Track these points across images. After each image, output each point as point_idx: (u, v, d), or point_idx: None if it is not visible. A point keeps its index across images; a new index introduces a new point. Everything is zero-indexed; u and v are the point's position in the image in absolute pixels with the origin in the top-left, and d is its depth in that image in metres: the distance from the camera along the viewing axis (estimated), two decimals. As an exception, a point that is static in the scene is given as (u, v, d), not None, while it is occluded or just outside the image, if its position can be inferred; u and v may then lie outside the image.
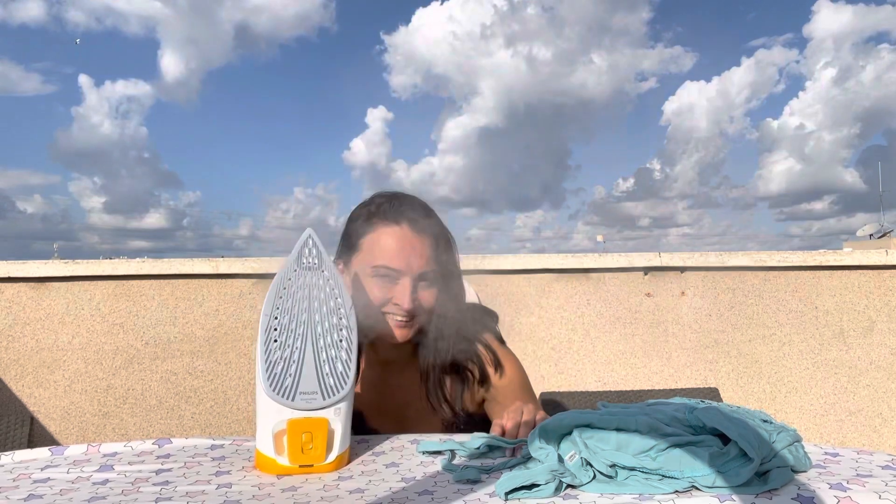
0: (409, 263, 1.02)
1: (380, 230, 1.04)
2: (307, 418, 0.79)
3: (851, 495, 0.63)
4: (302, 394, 0.79)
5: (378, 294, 1.02)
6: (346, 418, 0.82)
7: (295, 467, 0.78)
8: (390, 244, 1.02)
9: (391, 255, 1.02)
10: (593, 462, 0.69)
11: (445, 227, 1.11)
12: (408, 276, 1.02)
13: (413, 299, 1.02)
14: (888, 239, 20.24)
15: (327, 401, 0.80)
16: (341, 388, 0.81)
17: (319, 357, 0.81)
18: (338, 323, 0.83)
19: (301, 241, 0.86)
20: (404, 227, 1.03)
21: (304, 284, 0.83)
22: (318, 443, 0.78)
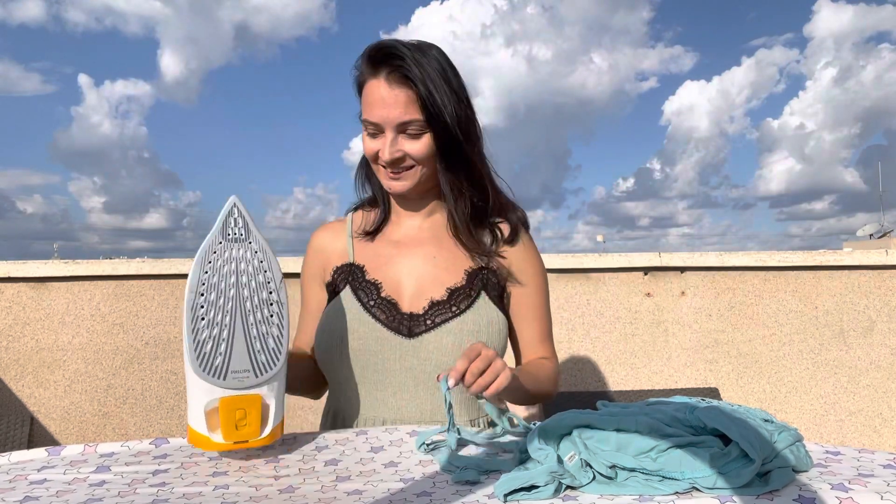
0: (385, 116, 1.00)
1: (365, 83, 1.03)
2: (240, 396, 0.78)
3: (853, 496, 0.62)
4: (234, 372, 0.78)
5: (367, 147, 1.05)
6: (280, 392, 0.82)
7: (229, 444, 0.78)
8: (369, 96, 1.01)
9: (370, 108, 1.01)
10: (593, 463, 0.69)
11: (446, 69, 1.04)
12: (387, 128, 1.01)
13: (392, 151, 1.01)
14: (888, 239, 20.24)
15: (260, 378, 0.79)
16: (274, 364, 0.80)
17: (250, 334, 0.79)
18: (268, 297, 0.80)
19: (225, 211, 0.80)
20: (381, 77, 1.00)
21: (230, 258, 0.79)
22: (252, 419, 0.78)
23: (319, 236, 1.19)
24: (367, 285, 1.09)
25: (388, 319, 1.05)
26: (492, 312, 1.07)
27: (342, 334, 1.04)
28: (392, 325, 1.04)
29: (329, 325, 1.06)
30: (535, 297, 1.15)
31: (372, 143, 1.04)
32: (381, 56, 1.00)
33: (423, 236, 1.14)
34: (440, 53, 1.04)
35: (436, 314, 1.05)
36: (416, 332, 1.04)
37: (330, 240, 1.18)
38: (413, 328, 1.04)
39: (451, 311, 1.05)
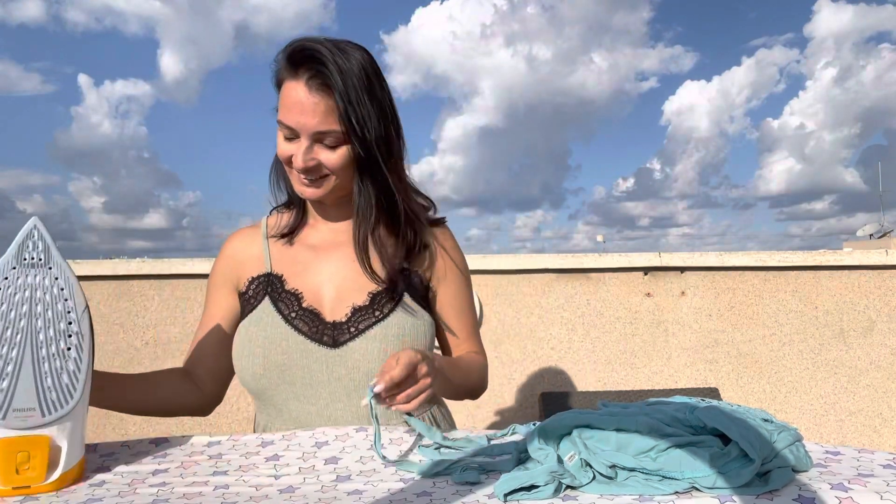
0: (302, 123, 0.96)
1: (284, 84, 0.98)
2: (23, 437, 0.71)
3: (853, 496, 0.62)
4: (15, 410, 0.71)
5: (281, 150, 1.01)
6: (76, 432, 0.75)
7: (7, 489, 0.71)
8: (287, 98, 0.97)
9: (285, 111, 0.97)
10: (593, 463, 0.69)
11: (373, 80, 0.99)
12: (303, 135, 0.97)
13: (306, 160, 0.98)
14: (888, 239, 20.23)
15: (47, 418, 0.72)
16: (65, 402, 0.73)
17: (40, 368, 0.72)
18: (66, 329, 0.73)
19: (23, 234, 0.74)
20: (300, 81, 0.95)
21: (24, 285, 0.72)
22: (37, 463, 0.72)
23: (232, 242, 1.15)
24: (287, 296, 1.05)
25: (312, 331, 1.02)
26: (416, 313, 1.06)
27: (265, 350, 1.01)
28: (316, 336, 1.02)
29: (250, 340, 1.02)
30: (458, 295, 1.14)
31: (286, 146, 1.00)
32: (303, 58, 0.95)
33: (342, 240, 1.10)
34: (366, 59, 0.99)
35: (359, 321, 1.02)
36: (340, 341, 1.01)
37: (244, 246, 1.13)
38: (337, 337, 1.02)
39: (374, 315, 1.03)
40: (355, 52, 0.98)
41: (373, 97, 0.98)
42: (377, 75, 1.01)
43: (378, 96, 1.00)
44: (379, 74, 1.01)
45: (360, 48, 1.00)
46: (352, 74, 0.95)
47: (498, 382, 2.37)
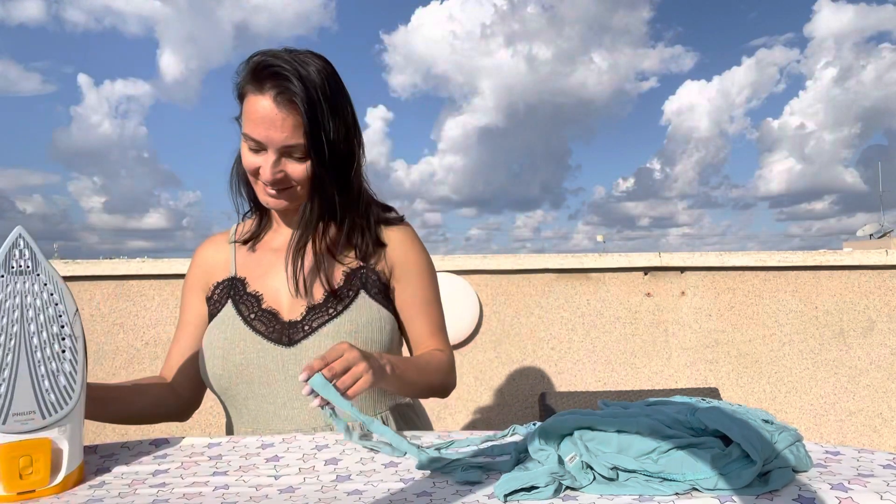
0: (270, 137, 0.98)
1: (248, 96, 0.99)
2: (24, 441, 0.71)
3: (853, 496, 0.62)
4: (16, 415, 0.71)
5: (247, 161, 1.02)
6: (75, 434, 0.75)
7: (12, 495, 0.71)
8: (254, 113, 0.98)
9: (253, 125, 0.98)
10: (594, 465, 0.69)
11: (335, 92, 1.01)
12: (270, 148, 0.99)
13: (274, 172, 1.00)
14: (888, 239, 20.24)
15: (48, 420, 0.73)
16: (64, 403, 0.74)
17: (37, 372, 0.73)
18: (59, 332, 0.74)
19: (8, 243, 0.75)
20: (267, 96, 0.97)
21: (14, 292, 0.73)
22: (41, 466, 0.72)
23: (202, 251, 1.18)
24: (248, 298, 1.08)
25: (269, 330, 1.04)
26: (372, 310, 1.07)
27: (224, 351, 1.03)
28: (272, 335, 1.04)
29: (211, 344, 1.05)
30: (420, 292, 1.14)
31: (253, 158, 1.01)
32: (268, 73, 0.97)
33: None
34: (328, 71, 1.01)
35: (313, 319, 1.04)
36: (295, 339, 1.03)
37: (212, 253, 1.17)
38: (292, 336, 1.03)
39: (327, 313, 1.04)
40: (317, 64, 1.00)
41: (335, 111, 1.01)
42: (339, 87, 1.03)
43: (341, 109, 1.02)
44: (341, 86, 1.04)
45: (321, 59, 1.02)
46: (316, 88, 0.98)
47: (498, 382, 2.38)
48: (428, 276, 1.17)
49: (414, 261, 1.15)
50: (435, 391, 1.12)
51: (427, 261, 1.18)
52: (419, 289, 1.15)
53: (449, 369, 1.13)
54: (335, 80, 1.02)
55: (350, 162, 1.07)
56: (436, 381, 1.09)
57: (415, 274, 1.15)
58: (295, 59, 0.98)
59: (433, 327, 1.16)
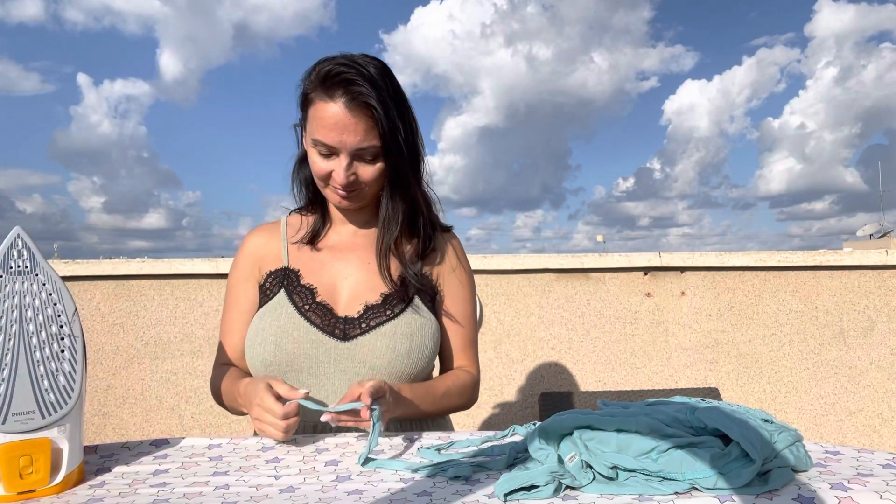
0: (343, 141, 1.00)
1: (317, 103, 1.01)
2: (24, 441, 0.71)
3: (852, 495, 0.62)
4: (15, 415, 0.71)
5: (318, 167, 1.04)
6: (76, 433, 0.76)
7: (12, 495, 0.71)
8: (325, 119, 1.00)
9: (325, 130, 1.00)
10: (594, 465, 0.69)
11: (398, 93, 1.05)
12: (343, 152, 1.01)
13: (348, 175, 1.02)
14: (888, 239, 20.24)
15: (47, 419, 0.73)
16: (64, 403, 0.74)
17: (36, 371, 0.73)
18: (58, 332, 0.75)
19: (7, 243, 0.75)
20: (339, 103, 0.99)
21: (13, 292, 0.73)
22: (41, 465, 0.72)
23: (253, 238, 1.19)
24: (301, 289, 1.09)
25: (323, 323, 1.06)
26: (424, 316, 1.09)
27: (277, 338, 1.04)
28: (327, 328, 1.05)
29: (263, 329, 1.06)
30: (460, 307, 1.17)
31: (324, 163, 1.03)
32: (337, 81, 0.99)
33: (359, 242, 1.15)
34: (390, 73, 1.04)
35: (370, 318, 1.06)
36: (350, 335, 1.05)
37: (264, 241, 1.17)
38: (348, 331, 1.05)
39: (385, 314, 1.06)
40: (376, 66, 1.03)
41: (402, 110, 1.04)
42: (399, 87, 1.06)
43: (406, 108, 1.06)
44: (399, 85, 1.06)
45: (378, 61, 1.04)
46: (384, 91, 1.01)
47: (498, 382, 2.38)
48: (469, 292, 1.19)
49: (460, 274, 1.18)
50: (450, 412, 1.14)
51: (470, 276, 1.21)
52: (460, 303, 1.17)
53: (471, 391, 1.15)
54: (394, 79, 1.05)
55: (419, 159, 1.10)
56: (454, 405, 1.12)
57: (458, 287, 1.17)
58: (357, 62, 1.01)
59: (465, 343, 1.17)
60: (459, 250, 1.21)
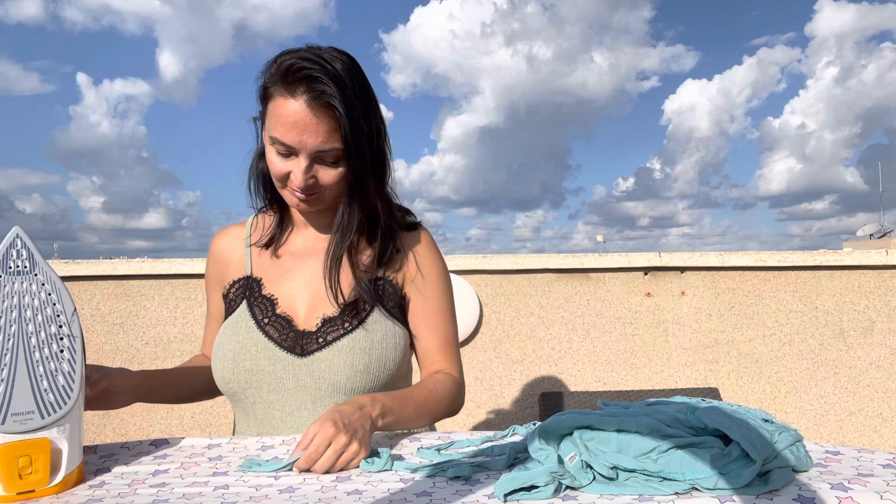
0: (303, 141, 0.94)
1: (277, 99, 0.95)
2: (23, 441, 0.71)
3: (853, 496, 0.62)
4: (14, 415, 0.71)
5: (276, 167, 0.99)
6: (75, 434, 0.75)
7: (12, 495, 0.71)
8: (284, 117, 0.94)
9: (284, 129, 0.94)
10: (594, 465, 0.69)
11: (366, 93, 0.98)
12: (302, 153, 0.96)
13: (306, 178, 0.97)
14: (888, 239, 20.25)
15: (46, 419, 0.72)
16: (63, 403, 0.74)
17: (35, 371, 0.73)
18: (57, 332, 0.74)
19: (6, 243, 0.74)
20: (300, 100, 0.93)
21: (12, 292, 0.73)
22: (40, 466, 0.72)
23: (218, 243, 1.17)
24: (262, 301, 1.07)
25: (282, 338, 1.03)
26: (386, 326, 1.05)
27: (235, 354, 1.02)
28: (285, 343, 1.02)
29: (223, 345, 1.04)
30: (432, 304, 1.10)
31: (282, 163, 0.98)
32: (300, 77, 0.93)
33: (320, 247, 1.10)
34: (358, 71, 0.98)
35: (328, 331, 1.02)
36: (308, 350, 1.01)
37: (228, 247, 1.15)
38: (306, 346, 1.02)
39: (342, 327, 1.02)
40: (344, 62, 0.96)
41: (368, 113, 0.98)
42: (367, 84, 1.00)
43: (373, 111, 1.00)
44: (367, 82, 1.00)
45: (346, 56, 0.98)
46: (350, 91, 0.94)
47: (498, 382, 2.38)
48: (441, 287, 1.12)
49: (428, 270, 1.11)
50: (439, 418, 1.06)
51: (442, 270, 1.14)
52: (431, 300, 1.10)
53: (454, 394, 1.06)
54: (363, 77, 0.99)
55: (384, 163, 1.05)
56: (438, 411, 1.04)
57: (428, 284, 1.11)
58: (322, 58, 0.95)
59: (443, 341, 1.11)
60: (426, 245, 1.13)
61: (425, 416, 1.00)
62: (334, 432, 0.78)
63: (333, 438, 0.78)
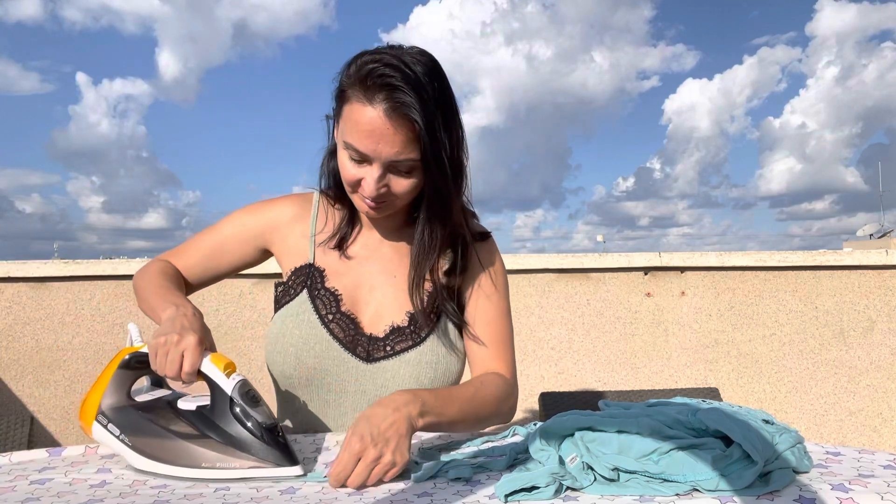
0: (378, 150, 0.89)
1: (353, 103, 0.90)
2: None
3: (853, 496, 0.62)
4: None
5: (348, 172, 0.94)
6: None
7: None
8: (360, 124, 0.89)
9: (359, 136, 0.90)
10: (595, 466, 0.69)
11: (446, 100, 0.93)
12: (376, 162, 0.91)
13: (378, 188, 0.92)
14: (888, 239, 20.26)
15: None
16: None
17: None
18: None
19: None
20: (378, 108, 0.88)
21: None
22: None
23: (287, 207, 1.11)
24: (326, 294, 1.03)
25: (347, 339, 1.00)
26: (451, 340, 1.03)
27: (298, 350, 1.00)
28: (350, 345, 1.00)
29: (284, 337, 1.01)
30: (490, 312, 1.06)
31: (354, 169, 0.93)
32: (380, 84, 0.88)
33: (385, 251, 1.07)
34: (440, 76, 0.93)
35: (396, 341, 1.00)
36: (374, 357, 1.00)
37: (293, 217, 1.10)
38: (372, 352, 1.00)
39: (410, 339, 1.00)
40: (426, 66, 0.91)
41: (448, 122, 0.93)
42: (450, 92, 0.94)
43: (453, 119, 0.94)
44: (449, 89, 0.94)
45: (428, 59, 0.93)
46: (430, 100, 0.89)
47: (498, 382, 2.38)
48: (498, 294, 1.08)
49: (489, 279, 1.07)
50: (487, 423, 0.98)
51: (501, 278, 1.09)
52: (490, 310, 1.06)
53: (503, 394, 1.00)
54: (444, 83, 0.93)
55: (462, 173, 0.98)
56: (485, 413, 0.96)
57: (486, 292, 1.06)
58: (404, 62, 0.89)
59: (495, 347, 1.05)
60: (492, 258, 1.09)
61: (472, 418, 0.94)
62: (361, 448, 0.74)
63: (362, 454, 0.74)
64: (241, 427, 0.76)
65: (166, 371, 0.79)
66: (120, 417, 0.81)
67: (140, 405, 0.83)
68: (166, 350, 0.80)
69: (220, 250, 1.10)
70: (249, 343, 2.31)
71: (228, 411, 0.77)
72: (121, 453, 0.79)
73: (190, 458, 0.76)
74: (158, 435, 0.78)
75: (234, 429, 0.76)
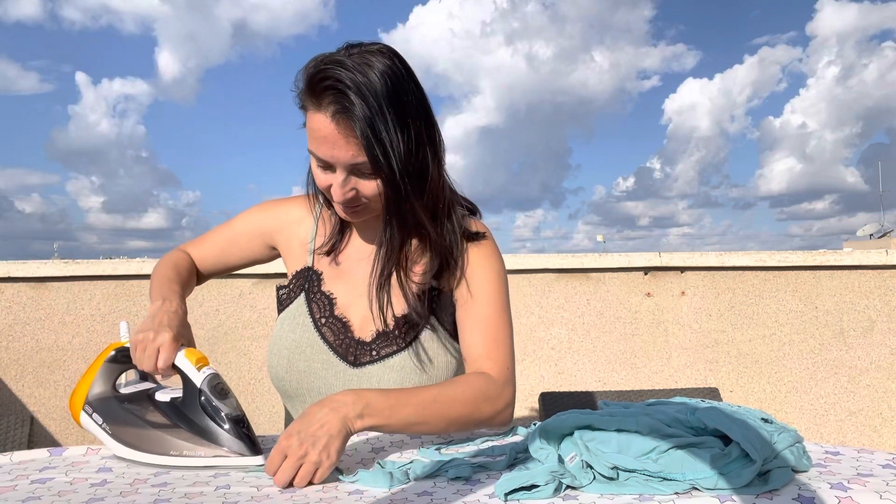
0: (335, 156, 0.90)
1: (308, 111, 0.91)
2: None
3: (852, 495, 0.62)
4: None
5: (318, 179, 0.96)
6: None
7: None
8: (314, 131, 0.90)
9: (316, 143, 0.91)
10: (594, 465, 0.69)
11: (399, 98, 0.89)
12: (338, 167, 0.91)
13: (345, 192, 0.93)
14: (888, 239, 20.26)
15: None
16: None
17: None
18: None
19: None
20: (326, 113, 0.87)
21: None
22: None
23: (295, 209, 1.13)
24: (321, 298, 1.05)
25: (337, 343, 1.02)
26: (441, 341, 1.02)
27: (290, 353, 1.02)
28: (340, 349, 1.01)
29: (280, 339, 1.04)
30: (482, 309, 1.01)
31: (323, 176, 0.94)
32: (324, 88, 0.87)
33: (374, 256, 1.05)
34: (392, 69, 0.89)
35: (382, 345, 1.00)
36: (361, 361, 1.00)
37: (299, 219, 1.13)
38: (359, 356, 1.01)
39: (396, 343, 1.00)
40: (382, 65, 0.89)
41: (402, 119, 0.89)
42: (407, 88, 0.91)
43: (410, 114, 0.91)
44: (410, 85, 0.92)
45: (387, 57, 0.90)
46: (377, 99, 0.87)
47: (498, 382, 2.38)
48: (494, 294, 1.03)
49: (484, 278, 1.03)
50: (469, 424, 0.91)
51: (495, 277, 1.05)
52: (481, 306, 1.02)
53: (484, 396, 0.91)
54: (402, 80, 0.90)
55: (425, 172, 0.95)
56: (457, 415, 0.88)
57: (477, 291, 1.02)
58: (355, 64, 0.87)
59: (486, 347, 0.99)
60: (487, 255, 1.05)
61: (437, 419, 0.87)
62: (287, 445, 0.74)
63: (288, 450, 0.74)
64: (208, 418, 0.80)
65: (144, 365, 0.84)
66: (103, 407, 0.86)
67: (122, 396, 0.88)
68: (144, 346, 0.84)
69: (232, 245, 1.16)
70: (249, 343, 2.31)
71: (198, 403, 0.81)
72: (103, 440, 0.84)
73: (160, 446, 0.80)
74: (134, 424, 0.83)
75: (201, 419, 0.80)
